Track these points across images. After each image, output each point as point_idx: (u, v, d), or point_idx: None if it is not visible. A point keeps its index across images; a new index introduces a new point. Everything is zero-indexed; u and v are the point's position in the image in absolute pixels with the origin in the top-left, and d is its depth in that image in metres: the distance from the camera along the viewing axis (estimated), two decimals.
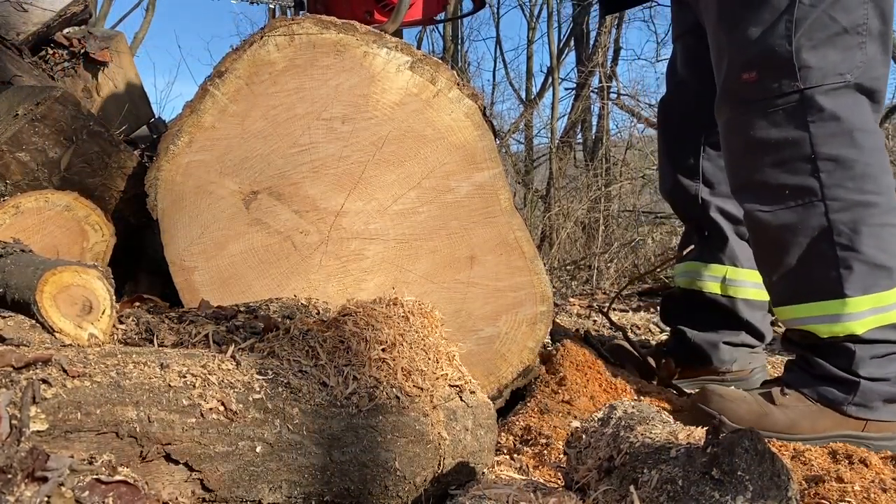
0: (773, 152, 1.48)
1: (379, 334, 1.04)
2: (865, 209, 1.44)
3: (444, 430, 1.03)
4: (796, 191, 1.47)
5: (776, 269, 1.54)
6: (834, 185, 1.44)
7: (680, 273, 2.03)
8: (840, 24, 1.43)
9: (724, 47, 1.54)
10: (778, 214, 1.49)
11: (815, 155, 1.44)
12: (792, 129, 1.46)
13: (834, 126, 1.44)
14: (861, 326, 1.45)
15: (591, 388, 1.65)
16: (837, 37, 1.44)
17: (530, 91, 11.86)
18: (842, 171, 1.44)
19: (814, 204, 1.45)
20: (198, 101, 1.42)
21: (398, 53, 1.43)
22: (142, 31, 10.73)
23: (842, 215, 1.44)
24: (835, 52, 1.44)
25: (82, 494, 0.68)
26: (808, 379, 1.52)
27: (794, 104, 1.45)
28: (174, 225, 1.43)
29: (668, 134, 2.02)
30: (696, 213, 1.94)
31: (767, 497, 0.69)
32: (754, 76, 1.48)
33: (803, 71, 1.44)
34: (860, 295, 1.44)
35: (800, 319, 1.52)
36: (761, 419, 1.49)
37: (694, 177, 1.91)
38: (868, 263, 1.44)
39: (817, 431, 1.48)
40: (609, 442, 0.88)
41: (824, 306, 1.47)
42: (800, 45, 1.43)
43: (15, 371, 0.76)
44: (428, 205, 1.46)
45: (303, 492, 0.92)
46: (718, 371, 1.93)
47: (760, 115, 1.49)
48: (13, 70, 1.87)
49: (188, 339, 1.07)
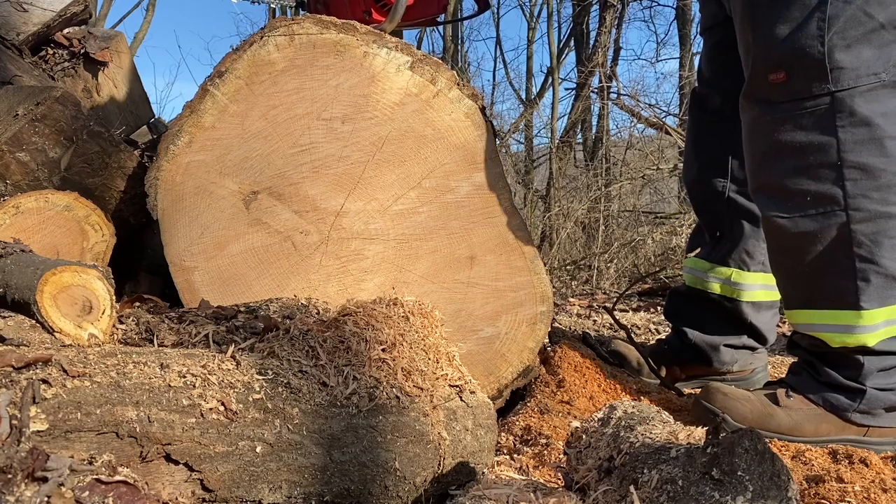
0: (797, 156, 1.42)
1: (379, 334, 1.04)
2: (888, 221, 1.39)
3: (444, 430, 1.03)
4: (818, 198, 1.41)
5: (791, 274, 1.52)
6: (859, 194, 1.38)
7: (687, 269, 2.00)
8: (877, 20, 1.35)
9: (749, 45, 1.47)
10: (797, 222, 1.44)
11: (842, 162, 1.38)
12: (819, 134, 1.40)
13: (864, 132, 1.37)
14: (874, 339, 1.42)
15: (589, 388, 1.65)
16: (873, 33, 1.35)
17: (530, 91, 11.88)
18: (868, 180, 1.38)
19: (835, 213, 1.40)
20: (198, 102, 1.42)
21: (398, 54, 1.43)
22: (142, 31, 10.74)
23: (864, 226, 1.39)
24: (870, 50, 1.36)
25: (82, 494, 0.68)
26: (815, 385, 1.51)
27: (825, 107, 1.39)
28: (174, 225, 1.43)
29: (697, 126, 1.94)
30: (715, 209, 1.88)
31: (767, 497, 0.68)
32: (783, 77, 1.41)
33: (835, 72, 1.36)
34: (876, 308, 1.40)
35: (812, 325, 1.50)
36: (765, 419, 1.49)
37: (720, 173, 1.83)
38: (886, 276, 1.40)
39: (819, 435, 1.48)
40: (609, 442, 0.88)
41: (838, 315, 1.44)
42: (833, 45, 1.36)
43: (15, 371, 0.76)
44: (428, 205, 1.46)
45: (303, 492, 0.92)
46: (719, 372, 1.93)
47: (787, 117, 1.42)
48: (13, 70, 1.87)
49: (188, 339, 1.07)
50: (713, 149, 1.84)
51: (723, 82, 1.77)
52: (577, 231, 7.24)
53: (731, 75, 1.67)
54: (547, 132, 10.54)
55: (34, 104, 1.44)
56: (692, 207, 1.99)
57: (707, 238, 1.93)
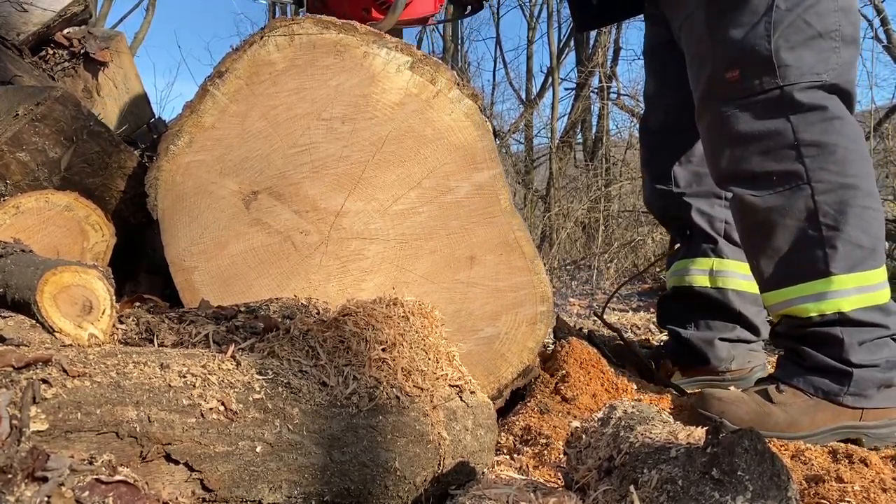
0: (758, 143, 1.55)
1: (379, 334, 1.04)
2: (848, 191, 1.49)
3: (444, 430, 1.03)
4: (783, 176, 1.53)
5: (764, 252, 1.58)
6: (818, 168, 1.50)
7: (670, 274, 2.07)
8: (815, 29, 1.51)
9: (707, 52, 1.61)
10: (766, 198, 1.55)
11: (798, 142, 1.51)
12: (774, 121, 1.53)
13: (813, 116, 1.51)
14: (848, 304, 1.49)
15: (593, 386, 1.66)
16: (812, 40, 1.51)
17: (530, 91, 11.85)
18: (825, 155, 1.50)
19: (800, 187, 1.51)
20: (198, 102, 1.42)
21: (398, 53, 1.43)
22: (142, 31, 10.71)
23: (827, 197, 1.49)
24: (811, 55, 1.51)
25: (82, 494, 0.68)
26: (801, 371, 1.54)
27: (776, 98, 1.53)
28: (174, 225, 1.43)
29: (646, 147, 2.12)
30: (676, 214, 2.01)
31: (767, 497, 0.69)
32: (737, 75, 1.55)
33: (782, 69, 1.51)
34: (845, 273, 1.49)
35: (787, 301, 1.55)
36: (763, 419, 1.50)
37: (667, 182, 2.00)
38: (852, 243, 1.49)
39: (817, 426, 1.49)
40: (609, 442, 0.88)
41: (812, 286, 1.52)
42: (778, 46, 1.51)
43: (15, 371, 0.76)
44: (428, 205, 1.46)
45: (303, 492, 0.92)
46: (717, 370, 1.93)
47: (744, 110, 1.56)
48: (13, 70, 1.87)
49: (188, 339, 1.07)
50: (663, 163, 2.01)
51: (665, 97, 1.96)
52: (577, 231, 7.23)
53: (673, 90, 1.87)
54: (547, 132, 10.52)
55: (34, 104, 1.44)
56: (659, 223, 2.16)
57: (681, 239, 2.02)
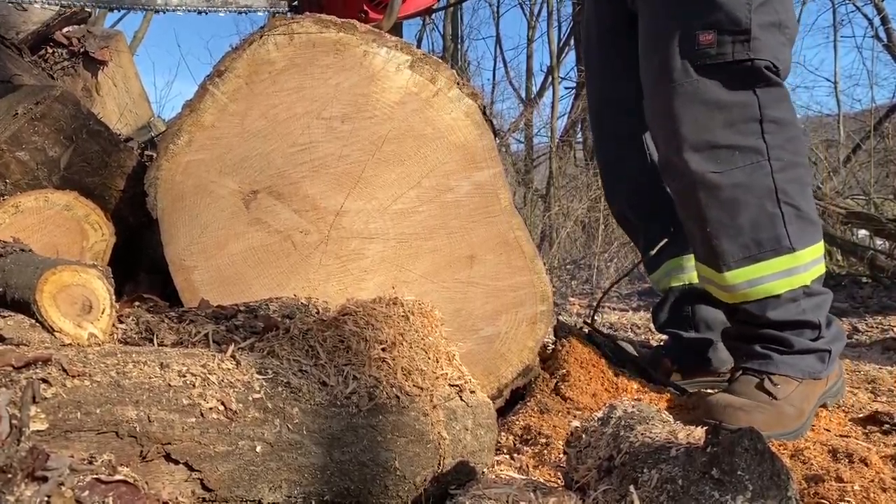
0: (723, 112, 1.55)
1: (379, 334, 1.04)
2: (798, 169, 1.56)
3: (444, 429, 1.03)
4: (746, 152, 1.54)
5: (726, 231, 1.57)
6: (776, 145, 1.53)
7: (661, 276, 1.99)
8: (778, 17, 1.54)
9: (678, 10, 1.57)
10: (730, 175, 1.55)
11: (763, 117, 1.53)
12: (742, 93, 1.54)
13: (776, 92, 1.55)
14: (808, 277, 1.56)
15: (593, 385, 1.65)
16: (774, 27, 1.54)
17: (530, 90, 11.85)
18: (782, 132, 1.54)
19: (761, 164, 1.53)
20: (197, 101, 1.41)
21: (398, 52, 1.42)
22: (142, 31, 10.69)
23: (784, 174, 1.53)
24: (773, 39, 1.54)
25: (82, 494, 0.68)
26: (788, 356, 1.58)
27: (746, 70, 1.53)
28: (174, 224, 1.43)
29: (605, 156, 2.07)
30: (658, 210, 1.94)
31: (767, 497, 0.69)
32: (711, 38, 1.53)
33: (755, 42, 1.52)
34: (804, 248, 1.54)
35: (755, 280, 1.57)
36: (783, 420, 1.50)
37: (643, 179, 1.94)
38: (806, 219, 1.55)
39: (811, 405, 1.56)
40: (609, 441, 0.88)
41: (780, 262, 1.55)
42: (755, 20, 1.52)
43: (15, 371, 0.76)
44: (428, 204, 1.46)
45: (303, 491, 0.92)
46: (718, 372, 1.92)
47: (712, 76, 1.54)
48: (13, 69, 1.87)
49: (188, 338, 1.07)
50: (630, 168, 1.96)
51: (619, 88, 1.88)
52: (577, 230, 7.24)
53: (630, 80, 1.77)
54: (547, 131, 10.52)
55: (33, 103, 1.44)
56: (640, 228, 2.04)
57: (665, 237, 1.93)
